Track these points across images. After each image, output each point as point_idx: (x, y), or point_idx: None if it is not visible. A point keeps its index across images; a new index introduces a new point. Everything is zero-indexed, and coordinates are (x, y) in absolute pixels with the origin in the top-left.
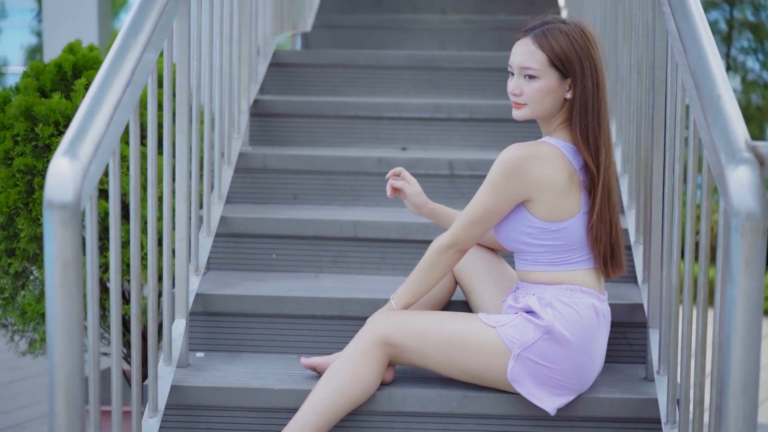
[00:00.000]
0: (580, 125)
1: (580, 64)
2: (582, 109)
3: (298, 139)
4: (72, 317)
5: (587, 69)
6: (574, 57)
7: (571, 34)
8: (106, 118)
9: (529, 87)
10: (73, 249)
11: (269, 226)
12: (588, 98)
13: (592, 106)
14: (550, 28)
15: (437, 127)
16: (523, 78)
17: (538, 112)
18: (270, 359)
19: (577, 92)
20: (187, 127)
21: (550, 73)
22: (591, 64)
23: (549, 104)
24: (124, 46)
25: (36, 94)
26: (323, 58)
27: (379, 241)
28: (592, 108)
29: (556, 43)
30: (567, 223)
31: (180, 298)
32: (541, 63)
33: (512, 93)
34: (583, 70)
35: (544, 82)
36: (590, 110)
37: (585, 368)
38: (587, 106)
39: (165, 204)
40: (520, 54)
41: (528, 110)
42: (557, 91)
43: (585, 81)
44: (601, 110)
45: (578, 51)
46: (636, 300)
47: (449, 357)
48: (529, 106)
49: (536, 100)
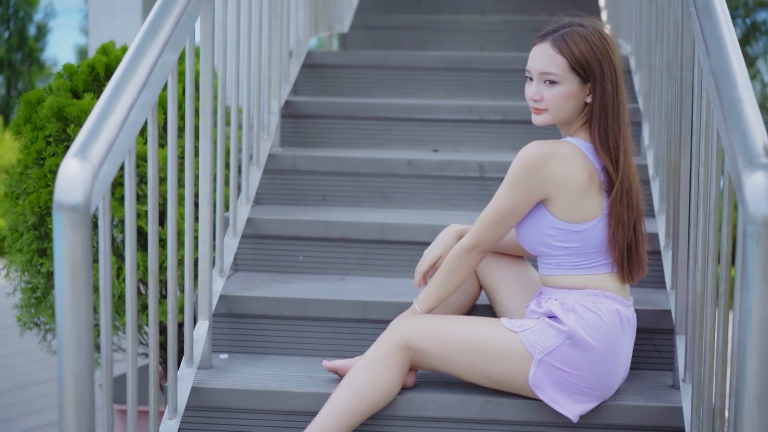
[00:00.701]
0: (599, 128)
1: (600, 68)
2: (602, 112)
3: (330, 141)
4: (81, 320)
5: (607, 72)
6: (594, 61)
7: (590, 38)
8: (120, 119)
9: (551, 92)
10: (83, 251)
11: (296, 228)
12: (608, 101)
13: (612, 108)
14: (569, 32)
15: (470, 129)
16: (543, 83)
17: (560, 117)
18: (293, 362)
19: (596, 96)
20: (210, 128)
21: (571, 77)
22: (610, 67)
23: (570, 109)
24: (141, 48)
25: (68, 95)
26: (357, 59)
27: (406, 243)
28: (612, 110)
29: (576, 47)
30: (588, 224)
31: (203, 300)
32: (562, 68)
33: (532, 99)
34: (602, 73)
35: (566, 87)
36: (610, 113)
37: (608, 374)
38: (607, 109)
39: (187, 205)
40: (540, 59)
41: (549, 116)
42: (578, 96)
43: (605, 84)
44: (620, 112)
45: (598, 54)
46: (664, 306)
47: (470, 362)
48: (550, 111)
49: (558, 105)
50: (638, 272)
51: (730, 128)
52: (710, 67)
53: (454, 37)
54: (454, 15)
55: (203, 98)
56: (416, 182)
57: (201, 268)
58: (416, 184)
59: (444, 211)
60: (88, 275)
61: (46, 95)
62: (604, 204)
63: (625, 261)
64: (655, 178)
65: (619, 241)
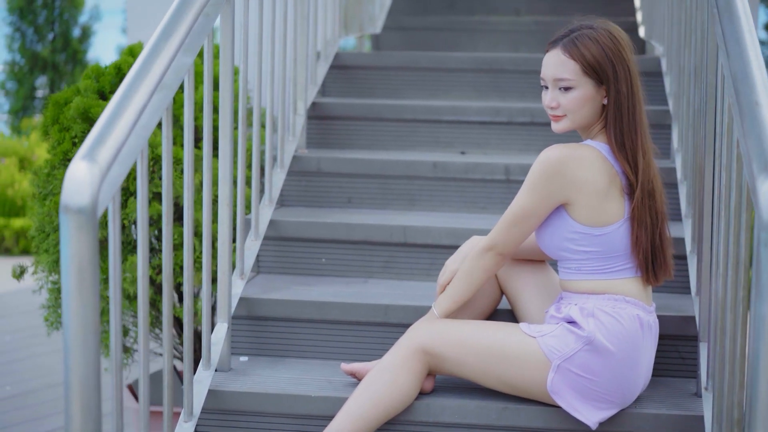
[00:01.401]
0: (615, 130)
1: (613, 69)
2: (617, 113)
3: (356, 143)
4: (87, 323)
5: (620, 73)
6: (607, 62)
7: (600, 40)
8: (130, 122)
9: (566, 98)
10: (89, 254)
11: (319, 230)
12: (622, 102)
13: (627, 109)
14: (579, 36)
15: (497, 131)
16: (558, 90)
17: (578, 122)
18: (313, 365)
19: (611, 97)
20: (230, 129)
21: (585, 81)
22: (624, 67)
23: (588, 113)
24: (155, 50)
25: (95, 96)
26: (385, 61)
27: (429, 246)
28: (627, 111)
29: (587, 50)
30: (609, 228)
31: (222, 303)
32: (575, 72)
33: (549, 106)
34: (616, 74)
35: (581, 91)
36: (625, 114)
37: (628, 381)
38: (621, 110)
39: (205, 207)
40: (552, 66)
41: (568, 121)
42: (595, 99)
43: (619, 85)
44: (637, 112)
45: (610, 55)
46: (689, 312)
47: (488, 367)
48: (568, 117)
49: (575, 110)
50: (664, 274)
51: (747, 132)
52: (730, 69)
53: (488, 38)
54: (488, 16)
55: (223, 99)
56: (442, 185)
57: (220, 270)
58: (442, 186)
59: (469, 214)
60: (95, 278)
61: (74, 96)
62: (626, 207)
63: (649, 264)
64: (683, 181)
65: (642, 244)
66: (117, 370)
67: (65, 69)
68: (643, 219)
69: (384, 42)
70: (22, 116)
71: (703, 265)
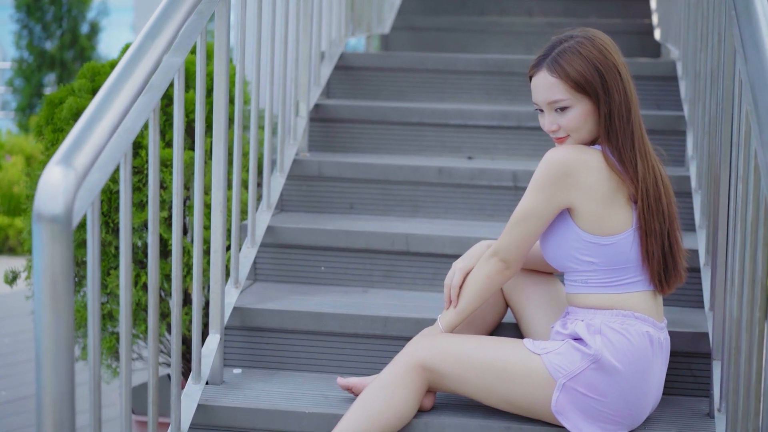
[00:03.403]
0: (615, 138)
1: (602, 79)
2: (613, 122)
3: (360, 146)
4: (60, 338)
5: (610, 80)
6: (594, 73)
7: (583, 50)
8: (111, 125)
9: (565, 118)
10: (63, 265)
11: (318, 237)
12: (616, 110)
13: (622, 116)
14: (560, 52)
15: (505, 136)
16: (555, 112)
17: (583, 138)
18: (308, 378)
19: (605, 108)
20: (224, 132)
21: (580, 97)
22: (614, 74)
23: (591, 127)
24: (140, 50)
25: (89, 96)
26: (392, 62)
27: (432, 256)
28: (623, 118)
29: (572, 66)
30: (617, 238)
31: (214, 313)
32: (567, 92)
33: (549, 130)
34: (606, 83)
35: (579, 108)
36: (621, 121)
37: (637, 401)
38: (616, 118)
39: (196, 213)
40: (542, 89)
41: (572, 141)
42: (594, 112)
43: (611, 95)
44: (632, 117)
45: (597, 64)
46: (702, 328)
47: (490, 385)
48: (572, 136)
49: (577, 128)
50: (676, 281)
51: (765, 143)
52: (748, 75)
53: (500, 39)
54: (500, 17)
55: (217, 101)
56: (447, 191)
57: (212, 279)
58: (447, 193)
59: (475, 222)
60: (69, 291)
61: (68, 96)
62: (634, 216)
63: (662, 272)
64: (698, 191)
65: (654, 253)
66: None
67: (73, 66)
68: (652, 227)
69: (393, 42)
70: (29, 114)
71: (717, 280)
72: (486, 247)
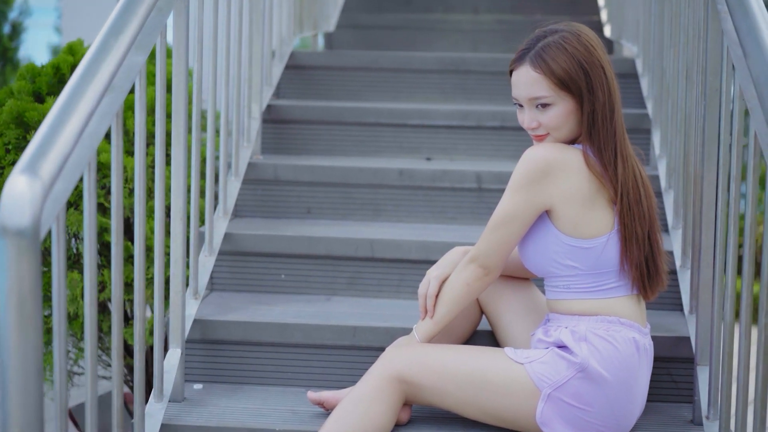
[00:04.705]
0: (591, 138)
1: (586, 77)
2: (595, 122)
3: (315, 148)
4: (29, 361)
5: (595, 78)
6: (579, 70)
7: (568, 46)
8: (76, 129)
9: (546, 116)
10: (31, 282)
11: (278, 244)
12: (599, 110)
13: (605, 116)
14: (545, 46)
15: (465, 136)
16: (535, 108)
17: (563, 136)
18: (275, 393)
19: (588, 106)
20: (183, 135)
21: (563, 95)
22: (598, 71)
23: (572, 126)
24: (103, 48)
25: (30, 98)
26: (344, 61)
27: (398, 261)
28: (606, 118)
29: (556, 62)
30: (598, 240)
31: (175, 326)
32: (550, 88)
33: (529, 127)
34: (590, 81)
35: (561, 106)
36: (604, 120)
37: (624, 410)
38: (599, 118)
39: (157, 221)
40: (524, 85)
41: (552, 139)
42: (577, 111)
43: (596, 93)
44: (615, 117)
45: (582, 62)
46: (682, 332)
47: (471, 396)
48: (552, 134)
49: (558, 126)
50: (658, 286)
51: None
52: (749, 71)
53: (446, 37)
54: (446, 14)
55: (176, 102)
56: (409, 194)
57: (173, 290)
58: (409, 195)
59: (438, 225)
60: (37, 311)
61: (6, 98)
62: (615, 219)
63: (644, 278)
64: (669, 190)
65: (635, 258)
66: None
67: None
68: (632, 230)
69: (337, 41)
70: None
71: (702, 281)
72: (461, 253)
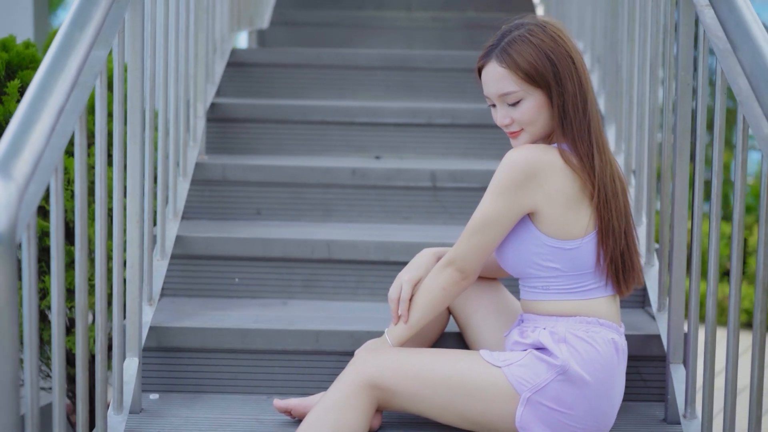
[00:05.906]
0: (564, 131)
1: (553, 68)
2: (567, 114)
3: (261, 147)
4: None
5: (563, 69)
6: (546, 62)
7: (533, 39)
8: (47, 127)
9: (518, 111)
10: (7, 292)
11: (231, 247)
12: (570, 101)
13: (577, 106)
14: (510, 41)
15: (415, 134)
16: (507, 106)
17: (538, 132)
18: (236, 401)
19: (558, 98)
20: (140, 135)
21: (532, 89)
22: (566, 61)
23: (546, 119)
24: (68, 42)
25: None
26: (286, 57)
27: (355, 263)
28: (578, 109)
29: (522, 56)
30: (581, 241)
31: (132, 333)
32: (518, 83)
33: (502, 125)
34: (558, 72)
35: (531, 101)
36: (576, 112)
37: (604, 412)
38: (570, 109)
39: (115, 224)
40: (492, 82)
41: (527, 135)
42: (547, 104)
43: (564, 84)
44: (588, 107)
45: (548, 53)
46: (650, 330)
47: (447, 401)
48: (526, 130)
49: (531, 121)
50: (633, 282)
51: None
52: (741, 65)
53: (380, 34)
54: (378, 11)
55: (132, 100)
56: (361, 193)
57: (129, 297)
58: (361, 195)
59: (394, 225)
60: (13, 323)
61: None
62: (595, 217)
63: (620, 272)
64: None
65: (610, 250)
66: None
67: None
68: (610, 225)
69: (270, 38)
70: None
71: (674, 278)
72: (432, 255)
